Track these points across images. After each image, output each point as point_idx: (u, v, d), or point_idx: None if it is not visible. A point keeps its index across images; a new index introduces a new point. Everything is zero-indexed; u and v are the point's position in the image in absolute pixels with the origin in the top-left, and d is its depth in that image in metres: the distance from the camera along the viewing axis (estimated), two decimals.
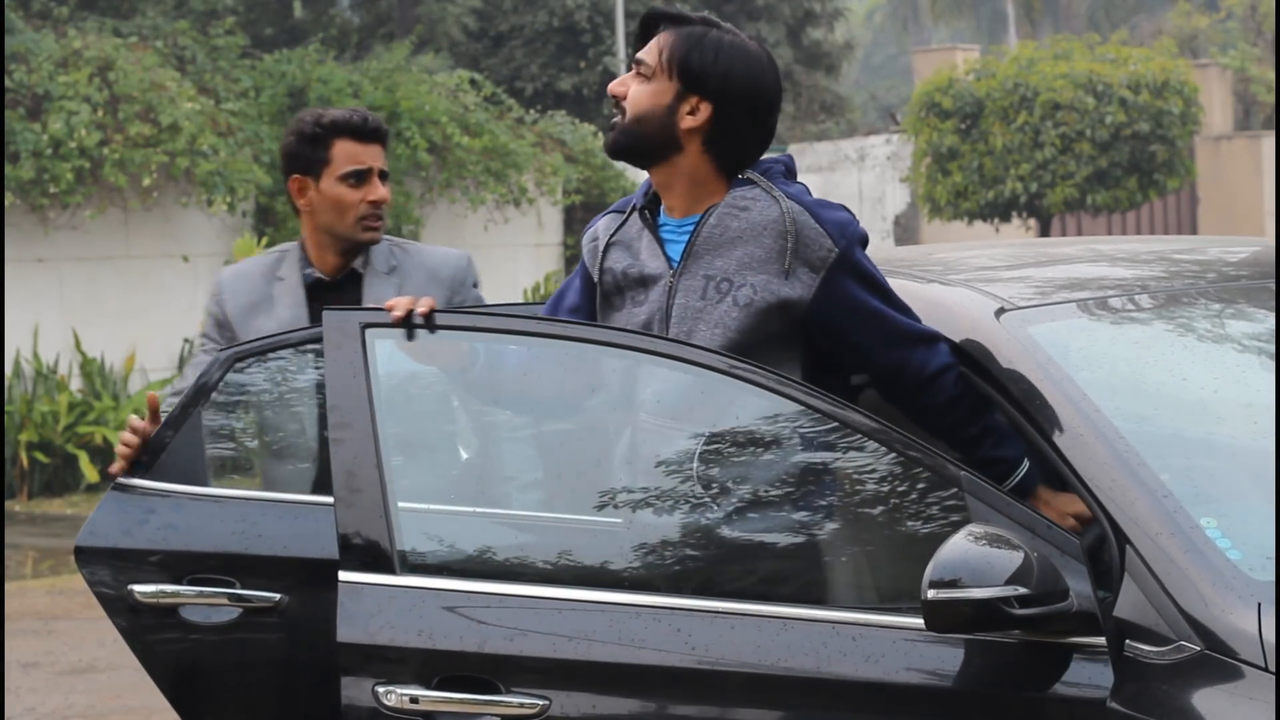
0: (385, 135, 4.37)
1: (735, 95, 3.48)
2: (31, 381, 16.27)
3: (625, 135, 3.53)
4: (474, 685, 3.21)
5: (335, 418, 3.33)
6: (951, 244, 4.89)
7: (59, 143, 16.11)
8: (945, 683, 3.07)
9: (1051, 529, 3.07)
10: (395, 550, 3.27)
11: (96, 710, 7.84)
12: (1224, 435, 3.42)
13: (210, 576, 3.76)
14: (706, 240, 3.48)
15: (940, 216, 21.12)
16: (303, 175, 4.31)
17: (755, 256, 3.44)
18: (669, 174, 3.54)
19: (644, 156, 3.54)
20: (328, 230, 4.31)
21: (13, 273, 15.96)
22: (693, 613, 3.18)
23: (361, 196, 4.28)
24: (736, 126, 3.50)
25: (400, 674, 3.23)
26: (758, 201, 3.49)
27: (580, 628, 3.19)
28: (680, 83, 3.49)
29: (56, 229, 16.65)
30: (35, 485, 15.66)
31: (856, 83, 43.28)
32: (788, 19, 28.58)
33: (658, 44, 3.53)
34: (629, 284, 3.55)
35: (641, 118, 3.52)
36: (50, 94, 16.48)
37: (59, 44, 17.11)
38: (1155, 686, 2.91)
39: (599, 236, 3.63)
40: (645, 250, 3.54)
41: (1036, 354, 3.36)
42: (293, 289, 4.33)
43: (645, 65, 3.53)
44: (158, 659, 3.85)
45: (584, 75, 26.85)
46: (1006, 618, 2.92)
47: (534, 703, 3.19)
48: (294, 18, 26.75)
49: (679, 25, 3.54)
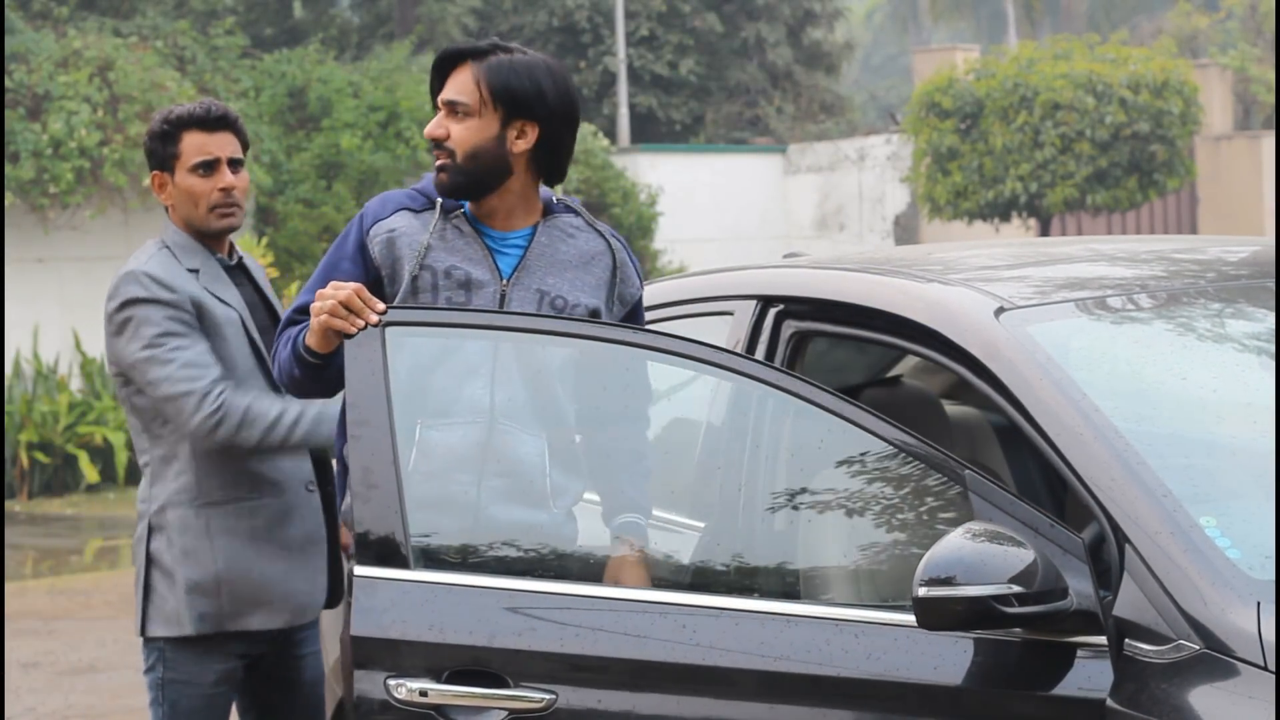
0: (234, 123, 4.40)
1: (554, 111, 3.66)
2: (31, 381, 16.29)
3: (462, 175, 3.65)
4: (483, 679, 3.25)
5: (354, 414, 3.38)
6: (951, 244, 4.89)
7: (59, 143, 16.12)
8: (946, 680, 3.08)
9: (1054, 527, 3.07)
10: (409, 546, 3.31)
11: (96, 710, 7.84)
12: (1224, 435, 3.42)
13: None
14: (539, 257, 3.67)
15: (940, 216, 21.12)
16: (160, 171, 4.39)
17: (587, 283, 3.68)
18: (501, 197, 3.68)
19: (481, 189, 3.67)
20: (188, 222, 4.36)
21: (13, 273, 15.97)
22: (697, 609, 3.21)
23: (212, 185, 4.33)
24: (560, 139, 3.69)
25: (411, 668, 3.26)
26: (582, 231, 3.73)
27: (587, 623, 3.24)
28: (504, 111, 3.63)
29: (56, 229, 16.66)
30: (35, 485, 15.66)
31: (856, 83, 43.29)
32: (788, 19, 28.57)
33: (468, 79, 3.64)
34: (448, 285, 3.64)
35: (474, 154, 3.63)
36: (50, 94, 16.49)
37: (59, 44, 17.11)
38: (1155, 686, 2.92)
39: (404, 232, 3.66)
40: (465, 254, 3.65)
41: (1036, 354, 3.36)
42: (217, 274, 4.35)
43: (462, 104, 3.64)
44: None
45: (584, 75, 26.85)
46: (1000, 616, 2.93)
47: (541, 697, 3.23)
48: (294, 18, 26.75)
49: (478, 58, 3.65)
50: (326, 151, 18.70)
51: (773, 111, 27.76)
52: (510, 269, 3.66)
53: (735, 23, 27.86)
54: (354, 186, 18.55)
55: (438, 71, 3.69)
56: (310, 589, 4.32)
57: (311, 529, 4.33)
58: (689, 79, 27.40)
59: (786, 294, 3.93)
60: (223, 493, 4.25)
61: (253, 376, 4.29)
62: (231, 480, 4.25)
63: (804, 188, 24.59)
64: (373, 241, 3.68)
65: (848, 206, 24.44)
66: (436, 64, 3.70)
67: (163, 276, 4.27)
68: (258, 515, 4.27)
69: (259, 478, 4.27)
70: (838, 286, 3.86)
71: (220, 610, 4.24)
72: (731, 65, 27.99)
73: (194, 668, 4.26)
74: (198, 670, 4.26)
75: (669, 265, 21.73)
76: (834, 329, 3.87)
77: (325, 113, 19.04)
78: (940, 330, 3.52)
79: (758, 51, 28.10)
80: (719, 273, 4.41)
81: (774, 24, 28.19)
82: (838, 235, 24.35)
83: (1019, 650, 3.05)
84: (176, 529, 4.26)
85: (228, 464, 4.25)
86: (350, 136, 18.57)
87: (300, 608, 4.31)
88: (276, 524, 4.28)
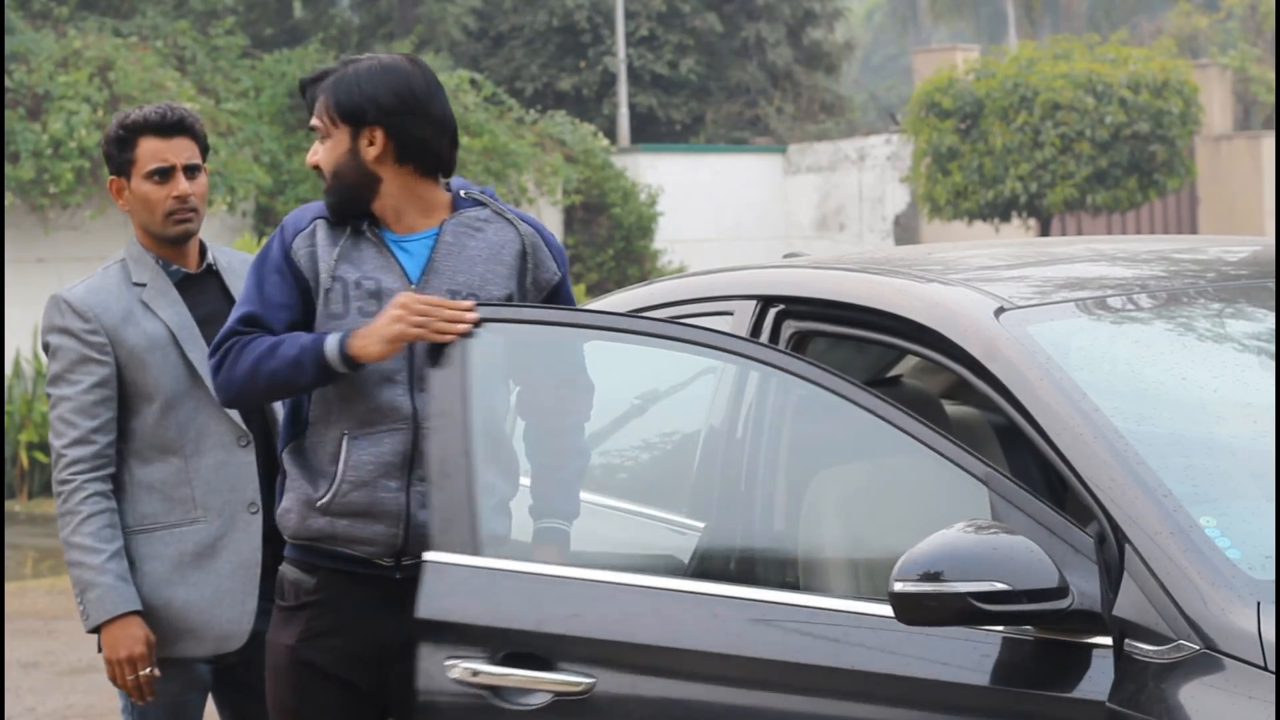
0: (191, 128, 4.33)
1: (391, 110, 3.73)
2: (31, 381, 16.29)
3: (334, 194, 3.77)
4: (532, 662, 3.40)
5: (434, 406, 3.59)
6: (951, 244, 4.89)
7: (59, 143, 16.12)
8: (949, 676, 3.12)
9: (1069, 528, 3.08)
10: (477, 533, 3.49)
11: (96, 710, 7.84)
12: (1224, 435, 3.42)
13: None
14: (446, 257, 3.74)
15: (940, 216, 21.11)
16: (117, 177, 4.32)
17: (498, 274, 3.75)
18: (383, 203, 3.77)
19: (357, 202, 3.77)
20: (145, 228, 4.31)
21: (13, 273, 15.97)
22: (730, 600, 3.31)
23: (167, 193, 4.26)
24: (412, 133, 3.73)
25: (468, 649, 3.44)
26: (491, 223, 3.79)
27: (626, 611, 3.36)
28: (347, 125, 3.75)
29: (56, 229, 16.66)
30: (35, 485, 15.66)
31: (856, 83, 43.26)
32: (788, 19, 28.55)
33: (317, 106, 3.79)
34: (359, 295, 3.73)
35: (337, 172, 3.76)
36: (50, 94, 16.49)
37: (59, 44, 17.11)
38: (1154, 686, 2.92)
39: (320, 243, 3.76)
40: (374, 263, 3.75)
41: (1036, 353, 3.36)
42: (163, 289, 4.28)
43: (318, 128, 3.80)
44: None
45: (584, 75, 26.84)
46: (978, 613, 2.96)
47: (582, 680, 3.35)
48: (294, 18, 26.74)
49: (319, 82, 3.80)
50: None
51: (773, 111, 27.75)
52: (418, 272, 3.73)
53: (735, 23, 27.83)
54: None
55: (306, 101, 3.84)
56: (237, 616, 4.21)
57: (246, 555, 4.23)
58: (689, 79, 27.38)
59: (786, 294, 3.93)
60: (151, 521, 4.21)
61: (186, 397, 4.22)
62: (163, 508, 4.21)
63: (804, 188, 24.59)
64: (296, 254, 3.76)
65: (848, 206, 24.43)
66: (303, 95, 3.86)
67: (81, 305, 4.21)
68: (186, 541, 4.20)
69: (191, 504, 4.20)
70: (838, 286, 3.86)
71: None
72: (731, 65, 27.98)
73: (160, 679, 4.20)
74: (163, 682, 4.21)
75: (669, 265, 21.73)
76: (834, 329, 3.87)
77: None
78: (940, 330, 3.52)
79: (758, 51, 28.08)
80: (719, 273, 4.41)
81: (774, 24, 28.17)
82: (838, 235, 24.34)
83: (1026, 649, 3.07)
84: None
85: (157, 494, 4.21)
86: None
87: (225, 636, 4.21)
88: (207, 550, 4.20)
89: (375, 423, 3.70)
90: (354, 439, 3.70)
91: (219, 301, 4.33)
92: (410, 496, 3.70)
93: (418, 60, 3.82)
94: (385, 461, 3.70)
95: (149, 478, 4.22)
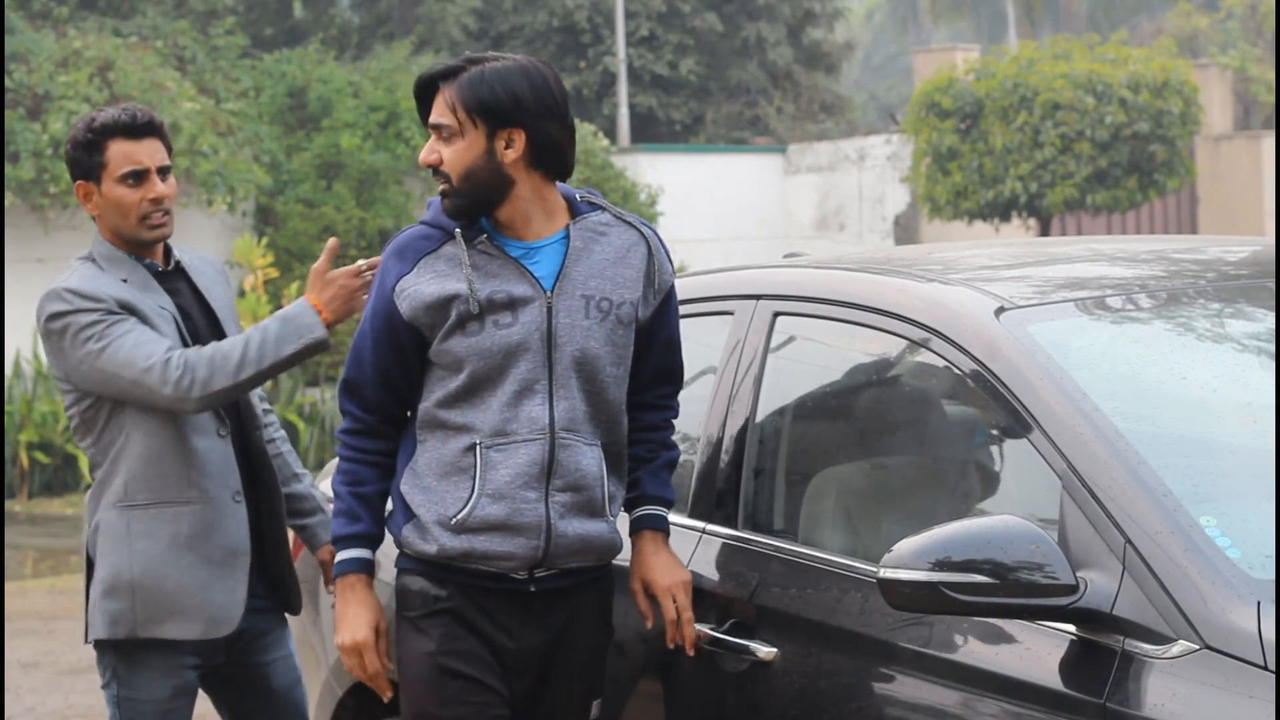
0: (160, 129, 4.29)
1: (535, 111, 3.62)
2: (31, 381, 16.28)
3: (462, 196, 3.64)
4: (743, 630, 3.66)
5: (735, 390, 3.88)
6: (951, 244, 4.89)
7: (59, 143, 16.11)
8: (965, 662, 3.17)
9: (1095, 533, 3.10)
10: (738, 508, 3.82)
11: (96, 710, 7.84)
12: (1224, 435, 3.42)
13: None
14: (577, 263, 3.67)
15: (940, 216, 21.11)
16: (85, 181, 4.27)
17: (627, 278, 3.70)
18: (514, 208, 3.66)
19: (487, 205, 3.65)
20: (116, 232, 4.27)
21: (13, 273, 15.97)
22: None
23: (141, 196, 4.22)
24: (551, 137, 3.64)
25: (706, 612, 3.72)
26: (613, 227, 3.73)
27: (809, 586, 3.57)
28: (485, 125, 3.62)
29: (56, 229, 16.66)
30: (35, 485, 15.65)
31: (856, 83, 43.28)
32: (788, 19, 28.54)
33: (445, 102, 3.64)
34: (493, 308, 3.62)
35: (468, 174, 3.63)
36: (50, 94, 16.48)
37: (59, 44, 17.11)
38: (1154, 685, 2.92)
39: (434, 279, 3.65)
40: (505, 274, 3.64)
41: (1036, 353, 3.36)
42: (145, 282, 4.25)
43: (445, 127, 3.64)
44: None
45: (584, 75, 26.84)
46: (954, 602, 3.03)
47: (770, 650, 3.58)
48: (294, 18, 26.74)
49: (450, 78, 3.64)
50: (326, 151, 18.70)
51: (773, 111, 27.74)
52: (550, 278, 3.65)
53: (735, 23, 27.83)
54: (354, 186, 18.55)
55: (420, 99, 3.70)
56: (228, 602, 4.21)
57: (235, 541, 4.23)
58: (689, 79, 27.38)
59: (787, 294, 3.93)
60: (146, 495, 4.18)
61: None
62: (158, 485, 4.18)
63: (804, 188, 24.58)
64: (400, 299, 3.66)
65: (848, 206, 24.43)
66: (416, 92, 3.70)
67: (83, 288, 4.18)
68: (180, 521, 4.19)
69: (187, 482, 4.18)
70: (838, 286, 3.86)
71: (134, 615, 4.18)
72: (731, 65, 27.97)
73: (146, 684, 4.21)
74: (150, 686, 4.21)
75: None
76: (834, 329, 3.87)
77: (325, 113, 19.04)
78: (940, 330, 3.52)
79: (758, 51, 28.08)
80: (719, 273, 4.42)
81: (774, 24, 28.17)
82: (838, 235, 24.34)
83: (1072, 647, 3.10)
84: (103, 531, 4.20)
85: (155, 467, 4.17)
86: (350, 136, 18.57)
87: (215, 620, 4.20)
88: (200, 533, 4.19)
89: (511, 433, 3.61)
90: (488, 449, 3.62)
91: (191, 297, 4.31)
92: (549, 507, 3.62)
93: (547, 63, 3.72)
94: (523, 472, 3.61)
95: (152, 449, 4.18)
